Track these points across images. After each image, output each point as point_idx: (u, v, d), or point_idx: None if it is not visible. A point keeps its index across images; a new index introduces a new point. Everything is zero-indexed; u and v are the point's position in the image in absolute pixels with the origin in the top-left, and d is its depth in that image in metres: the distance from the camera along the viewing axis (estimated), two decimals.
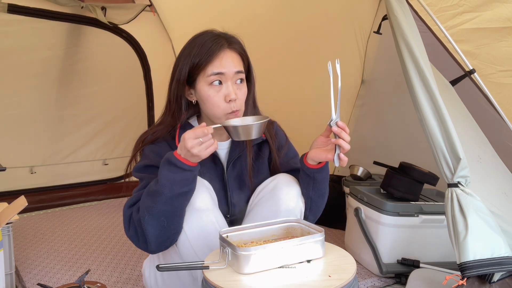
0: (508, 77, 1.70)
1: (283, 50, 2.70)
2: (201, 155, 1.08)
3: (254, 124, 1.12)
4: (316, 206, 1.29)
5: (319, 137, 1.19)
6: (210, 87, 1.23)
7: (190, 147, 1.06)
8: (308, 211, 1.29)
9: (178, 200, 1.12)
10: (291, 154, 1.41)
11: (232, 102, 1.22)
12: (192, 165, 1.10)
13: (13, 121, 2.72)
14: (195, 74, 1.24)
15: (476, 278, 1.23)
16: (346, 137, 1.11)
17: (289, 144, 1.43)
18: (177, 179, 1.10)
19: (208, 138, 1.07)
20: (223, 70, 1.21)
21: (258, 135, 1.13)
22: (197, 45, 1.24)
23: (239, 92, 1.25)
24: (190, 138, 1.06)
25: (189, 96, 1.30)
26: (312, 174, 1.22)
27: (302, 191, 1.27)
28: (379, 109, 2.56)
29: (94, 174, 3.15)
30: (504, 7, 1.62)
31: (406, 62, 1.31)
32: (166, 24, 3.09)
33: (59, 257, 2.06)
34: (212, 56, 1.21)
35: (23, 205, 1.49)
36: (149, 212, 1.12)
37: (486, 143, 1.57)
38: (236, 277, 0.96)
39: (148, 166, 1.25)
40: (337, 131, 1.11)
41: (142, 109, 3.27)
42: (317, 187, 1.25)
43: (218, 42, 1.23)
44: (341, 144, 1.10)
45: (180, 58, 1.27)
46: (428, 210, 1.73)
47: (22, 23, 2.57)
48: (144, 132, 1.35)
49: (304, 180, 1.25)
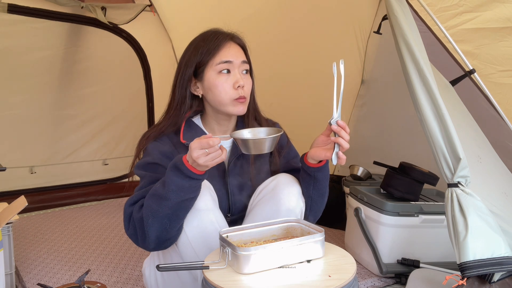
0: (508, 77, 1.70)
1: (283, 50, 2.70)
2: (208, 165, 1.07)
3: (266, 138, 1.06)
4: (316, 205, 1.30)
5: (320, 136, 1.19)
6: (219, 75, 1.26)
7: (195, 157, 1.05)
8: (309, 211, 1.29)
9: (183, 205, 1.13)
10: (292, 154, 1.43)
11: (240, 88, 1.25)
12: (199, 173, 1.09)
13: (13, 121, 2.72)
14: (202, 65, 1.28)
15: (476, 278, 1.23)
16: (346, 136, 1.11)
17: (290, 144, 1.44)
18: (185, 185, 1.09)
19: (215, 150, 1.05)
20: (231, 59, 1.26)
21: (269, 149, 1.08)
22: (203, 39, 1.29)
23: (246, 81, 1.29)
24: (196, 148, 1.04)
25: (195, 90, 1.32)
26: (313, 173, 1.23)
27: (302, 191, 1.27)
28: (379, 109, 2.56)
29: (94, 174, 3.15)
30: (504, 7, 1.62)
31: (406, 62, 1.31)
32: (166, 24, 3.09)
33: (59, 257, 2.06)
34: (220, 46, 1.26)
35: (23, 205, 1.49)
36: (154, 215, 1.11)
37: (486, 143, 1.57)
38: (236, 277, 0.96)
39: (151, 163, 1.25)
40: (337, 129, 1.11)
41: (142, 109, 3.27)
42: (318, 186, 1.26)
43: (223, 35, 1.30)
44: (340, 142, 1.10)
45: (186, 53, 1.31)
46: (428, 210, 1.73)
47: (22, 23, 2.57)
48: (147, 130, 1.36)
49: (304, 179, 1.26)
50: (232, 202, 1.33)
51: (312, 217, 1.32)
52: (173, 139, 1.31)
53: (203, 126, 1.36)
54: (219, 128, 1.35)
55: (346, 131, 1.11)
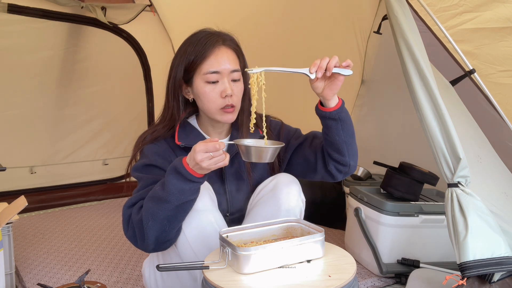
0: (508, 77, 1.69)
1: (283, 50, 2.70)
2: (210, 168, 1.06)
3: (268, 147, 1.08)
4: (352, 148, 1.25)
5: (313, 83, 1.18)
6: (206, 84, 1.23)
7: (199, 160, 1.04)
8: (348, 157, 1.24)
9: (183, 207, 1.13)
10: (291, 133, 1.39)
11: (228, 97, 1.23)
12: (199, 176, 1.09)
13: (13, 121, 2.72)
14: (191, 72, 1.25)
15: (476, 278, 1.23)
16: (325, 61, 1.11)
17: (285, 127, 1.41)
18: (186, 188, 1.09)
19: (219, 154, 1.04)
20: (218, 69, 1.22)
21: (271, 159, 1.10)
22: (192, 43, 1.25)
23: (235, 88, 1.25)
24: (201, 151, 1.03)
25: (186, 94, 1.31)
26: (337, 115, 1.19)
27: (334, 140, 1.21)
28: (379, 109, 2.56)
29: (94, 174, 3.15)
30: (504, 7, 1.62)
31: (406, 62, 1.31)
32: (166, 24, 3.09)
33: (59, 257, 2.06)
34: (207, 53, 1.22)
35: (23, 205, 1.49)
36: (154, 218, 1.11)
37: (486, 143, 1.57)
38: (236, 277, 0.96)
39: (148, 165, 1.25)
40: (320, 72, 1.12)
41: (142, 109, 3.27)
42: (346, 127, 1.21)
43: (213, 40, 1.24)
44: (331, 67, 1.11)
45: (176, 56, 1.29)
46: (428, 210, 1.73)
47: (22, 23, 2.57)
48: (143, 132, 1.35)
49: (331, 126, 1.20)
50: (230, 201, 1.33)
51: (353, 161, 1.26)
52: (170, 141, 1.31)
53: (199, 127, 1.36)
54: (213, 130, 1.34)
55: (322, 61, 1.11)
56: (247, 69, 1.13)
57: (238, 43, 1.31)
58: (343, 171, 1.28)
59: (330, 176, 1.30)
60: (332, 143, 1.23)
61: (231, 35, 1.31)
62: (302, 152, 1.34)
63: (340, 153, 1.24)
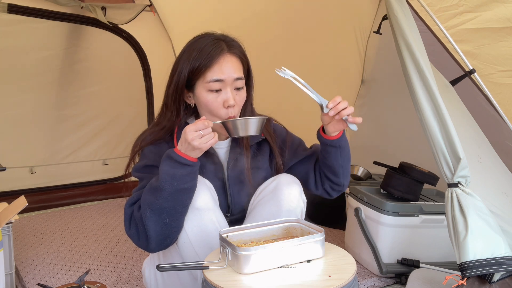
0: (508, 77, 1.70)
1: (283, 50, 2.70)
2: (202, 147, 1.09)
3: (252, 118, 1.13)
4: (347, 170, 1.35)
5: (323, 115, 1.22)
6: (209, 92, 1.22)
7: (191, 139, 1.07)
8: (342, 179, 1.35)
9: (179, 197, 1.12)
10: (296, 142, 1.43)
11: (230, 108, 1.22)
12: (192, 160, 1.12)
13: (13, 121, 2.72)
14: (194, 79, 1.24)
15: (476, 278, 1.23)
16: (343, 104, 1.16)
17: (290, 134, 1.44)
18: (177, 174, 1.10)
19: (209, 132, 1.09)
20: (222, 77, 1.21)
21: (256, 131, 1.14)
22: (197, 48, 1.22)
23: (238, 98, 1.24)
24: (191, 130, 1.08)
25: (188, 99, 1.30)
26: (338, 143, 1.28)
27: (332, 164, 1.30)
28: (379, 109, 2.56)
29: (94, 174, 3.15)
30: (504, 7, 1.62)
31: (406, 62, 1.31)
32: (166, 24, 3.09)
33: (59, 257, 2.06)
34: (212, 61, 1.20)
35: (23, 205, 1.49)
36: (151, 208, 1.12)
37: (486, 143, 1.57)
38: (236, 277, 0.96)
39: (148, 166, 1.25)
40: (334, 111, 1.16)
41: (142, 109, 3.27)
42: (345, 153, 1.30)
43: (218, 47, 1.22)
44: (344, 113, 1.17)
45: (179, 61, 1.26)
46: (428, 210, 1.73)
47: (22, 23, 2.56)
48: (141, 133, 1.35)
49: (330, 152, 1.29)
50: (232, 202, 1.33)
51: (346, 182, 1.37)
52: (169, 142, 1.31)
53: None
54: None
55: (341, 103, 1.16)
56: (277, 69, 1.16)
57: (243, 49, 1.29)
58: (337, 190, 1.38)
59: (326, 193, 1.39)
60: (329, 166, 1.32)
61: (237, 41, 1.28)
62: (306, 166, 1.39)
63: (336, 175, 1.33)
